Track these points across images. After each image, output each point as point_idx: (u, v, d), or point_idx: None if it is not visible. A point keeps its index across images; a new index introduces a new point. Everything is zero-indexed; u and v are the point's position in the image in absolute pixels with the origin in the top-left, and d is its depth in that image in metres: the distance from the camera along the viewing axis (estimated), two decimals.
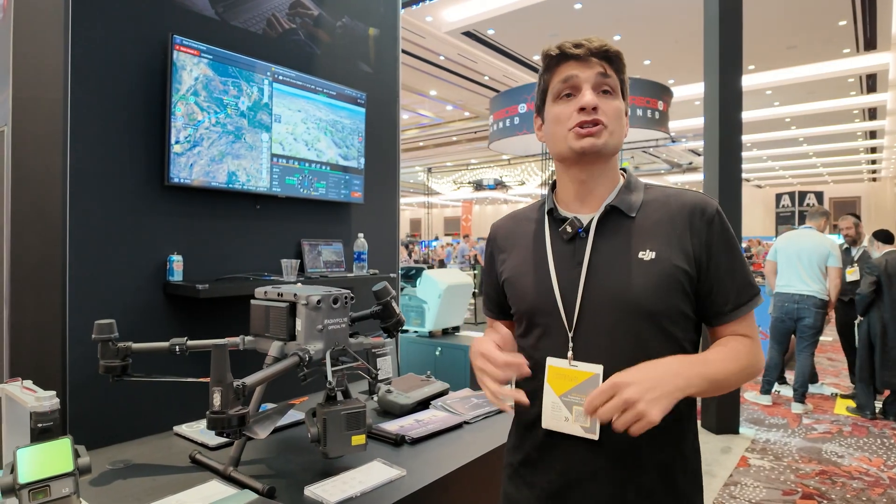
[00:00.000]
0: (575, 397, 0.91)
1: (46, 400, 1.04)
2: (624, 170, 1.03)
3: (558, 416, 0.92)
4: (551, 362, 0.94)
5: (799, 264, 4.58)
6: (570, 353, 0.93)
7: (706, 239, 0.92)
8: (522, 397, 0.91)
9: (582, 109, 0.91)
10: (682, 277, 0.90)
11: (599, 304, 0.92)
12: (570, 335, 0.93)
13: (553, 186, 1.05)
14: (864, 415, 4.48)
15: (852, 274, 4.73)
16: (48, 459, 0.94)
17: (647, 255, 0.91)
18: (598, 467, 0.90)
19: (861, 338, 4.54)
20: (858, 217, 5.06)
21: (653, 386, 0.79)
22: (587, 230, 0.96)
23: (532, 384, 0.97)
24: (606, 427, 0.88)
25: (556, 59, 0.95)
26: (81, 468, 0.98)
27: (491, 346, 0.93)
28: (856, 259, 4.84)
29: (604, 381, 0.88)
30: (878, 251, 4.61)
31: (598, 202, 0.97)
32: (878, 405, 4.54)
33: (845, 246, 4.94)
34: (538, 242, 1.01)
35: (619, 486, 0.90)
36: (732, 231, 0.95)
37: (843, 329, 5.08)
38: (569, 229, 0.97)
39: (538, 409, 0.95)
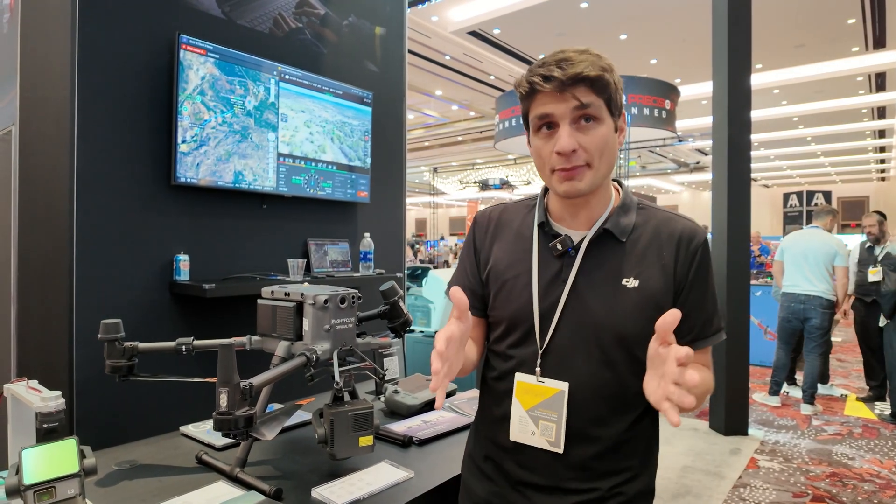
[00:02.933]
0: (541, 412, 0.93)
1: (52, 400, 1.03)
2: (619, 182, 1.00)
3: (525, 429, 0.95)
4: (519, 378, 0.95)
5: (805, 264, 4.53)
6: (538, 370, 0.93)
7: (687, 269, 0.92)
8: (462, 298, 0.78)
9: (560, 153, 0.86)
10: (659, 306, 0.88)
11: (575, 324, 0.92)
12: (540, 352, 0.93)
13: (546, 191, 1.01)
14: None
15: (875, 274, 4.41)
16: (54, 460, 0.94)
17: (631, 282, 0.91)
18: (562, 477, 0.93)
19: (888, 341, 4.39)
20: (884, 215, 4.69)
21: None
22: (577, 248, 0.94)
23: (502, 386, 0.99)
24: (570, 440, 0.92)
25: (528, 94, 0.89)
26: (87, 469, 0.97)
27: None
28: (880, 259, 4.47)
29: (569, 399, 0.91)
30: None
31: (589, 219, 0.95)
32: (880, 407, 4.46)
33: (868, 244, 4.64)
34: (525, 252, 0.98)
35: (582, 493, 0.93)
36: (711, 265, 0.96)
37: (863, 330, 4.84)
38: (559, 247, 0.94)
39: (506, 410, 0.97)
